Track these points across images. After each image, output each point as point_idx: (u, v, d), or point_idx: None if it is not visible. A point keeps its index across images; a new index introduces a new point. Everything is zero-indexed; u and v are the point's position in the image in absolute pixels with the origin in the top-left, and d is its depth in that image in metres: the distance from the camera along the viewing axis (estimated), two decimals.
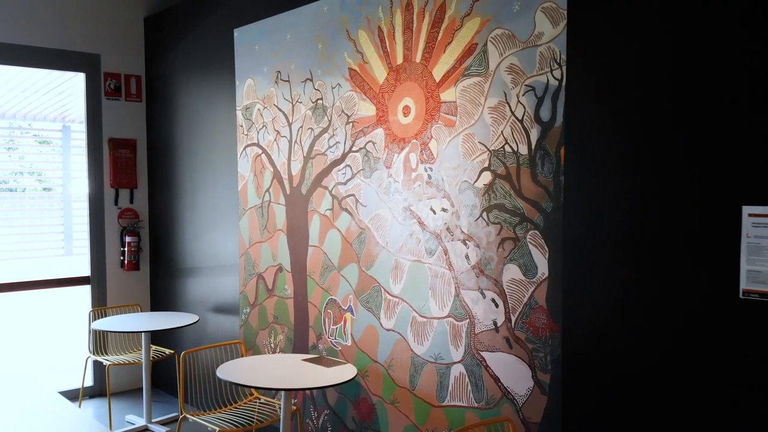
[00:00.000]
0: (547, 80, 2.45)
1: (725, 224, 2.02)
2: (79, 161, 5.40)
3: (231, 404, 3.75)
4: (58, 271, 5.03)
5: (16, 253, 5.42)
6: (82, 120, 4.87)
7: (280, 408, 3.48)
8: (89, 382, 4.95)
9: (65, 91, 5.90)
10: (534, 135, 2.50)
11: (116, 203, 4.93)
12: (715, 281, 2.04)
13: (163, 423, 4.34)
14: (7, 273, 5.00)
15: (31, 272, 5.04)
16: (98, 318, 4.70)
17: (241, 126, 4.05)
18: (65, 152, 5.78)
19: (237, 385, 2.87)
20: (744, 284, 2.00)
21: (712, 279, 2.05)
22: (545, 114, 2.46)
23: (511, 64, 2.57)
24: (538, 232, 2.51)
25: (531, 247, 2.54)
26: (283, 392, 2.96)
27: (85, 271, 4.90)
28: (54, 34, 4.64)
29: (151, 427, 4.25)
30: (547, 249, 2.49)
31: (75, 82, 5.12)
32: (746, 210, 1.98)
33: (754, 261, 1.98)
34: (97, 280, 4.88)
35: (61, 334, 7.32)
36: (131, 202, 5.00)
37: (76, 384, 4.91)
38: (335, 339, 3.45)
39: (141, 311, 4.97)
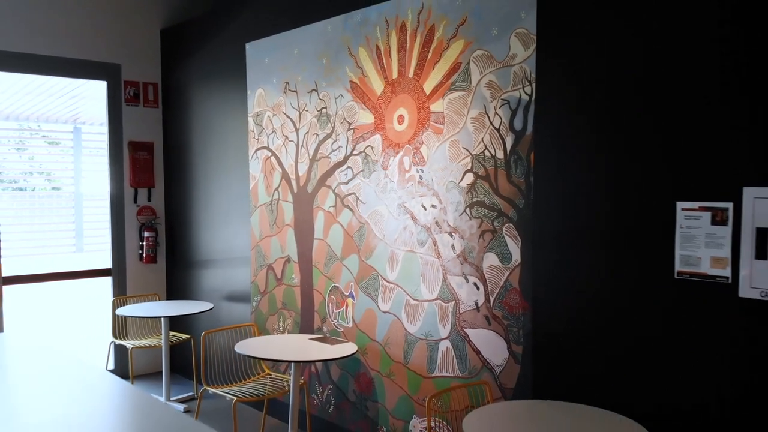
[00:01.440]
0: (520, 95, 2.87)
1: (663, 217, 2.44)
2: (90, 161, 5.78)
3: (244, 380, 4.16)
4: (69, 268, 5.37)
5: (28, 249, 5.71)
6: (93, 122, 5.26)
7: (288, 383, 3.90)
8: (111, 365, 5.37)
9: (78, 95, 6.29)
10: (509, 142, 2.93)
11: (135, 201, 5.36)
12: (656, 264, 2.47)
13: (181, 401, 4.77)
14: (19, 268, 5.30)
15: (42, 268, 5.35)
16: (120, 306, 5.12)
17: (253, 131, 4.47)
18: (76, 153, 6.15)
19: (254, 358, 3.29)
20: (678, 266, 2.42)
21: (653, 262, 2.47)
22: (518, 124, 2.89)
23: (489, 80, 2.99)
24: (512, 225, 2.94)
25: (507, 237, 2.96)
26: (293, 364, 3.38)
27: (102, 264, 5.32)
28: (79, 46, 5.06)
29: (170, 404, 4.67)
30: (519, 239, 2.91)
31: (88, 87, 5.50)
32: (680, 205, 2.41)
33: (685, 247, 2.40)
34: (117, 271, 5.30)
35: (78, 324, 7.72)
36: (149, 200, 5.42)
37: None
38: (338, 321, 3.87)
39: (159, 300, 5.40)
